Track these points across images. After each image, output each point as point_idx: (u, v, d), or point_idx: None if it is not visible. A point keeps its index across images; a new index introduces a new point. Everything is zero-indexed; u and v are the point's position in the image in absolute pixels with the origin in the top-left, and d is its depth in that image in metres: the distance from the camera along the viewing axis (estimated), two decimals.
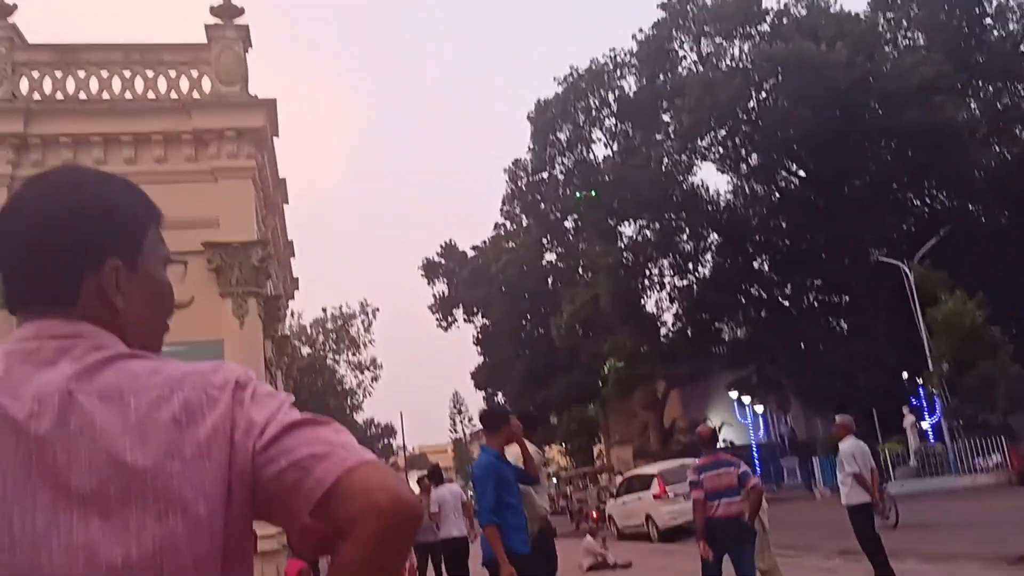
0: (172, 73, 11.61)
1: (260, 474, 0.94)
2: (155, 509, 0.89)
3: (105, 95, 11.33)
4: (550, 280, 45.60)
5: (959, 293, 25.15)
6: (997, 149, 32.32)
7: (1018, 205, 30.87)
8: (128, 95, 11.38)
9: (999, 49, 32.91)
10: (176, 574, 0.89)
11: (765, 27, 34.21)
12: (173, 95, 11.50)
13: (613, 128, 38.23)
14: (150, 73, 11.55)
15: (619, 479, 25.49)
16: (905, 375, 27.80)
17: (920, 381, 26.83)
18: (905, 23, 35.03)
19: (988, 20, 33.97)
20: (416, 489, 12.70)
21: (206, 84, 11.63)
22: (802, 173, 35.36)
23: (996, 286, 26.58)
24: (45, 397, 0.92)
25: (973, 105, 32.86)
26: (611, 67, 37.26)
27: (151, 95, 11.46)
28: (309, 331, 43.60)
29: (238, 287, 11.20)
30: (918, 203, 35.06)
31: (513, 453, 5.74)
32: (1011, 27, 33.82)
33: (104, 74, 11.42)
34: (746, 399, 33.95)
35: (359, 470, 0.92)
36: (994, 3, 33.81)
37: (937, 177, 31.59)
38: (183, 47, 11.94)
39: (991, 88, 34.07)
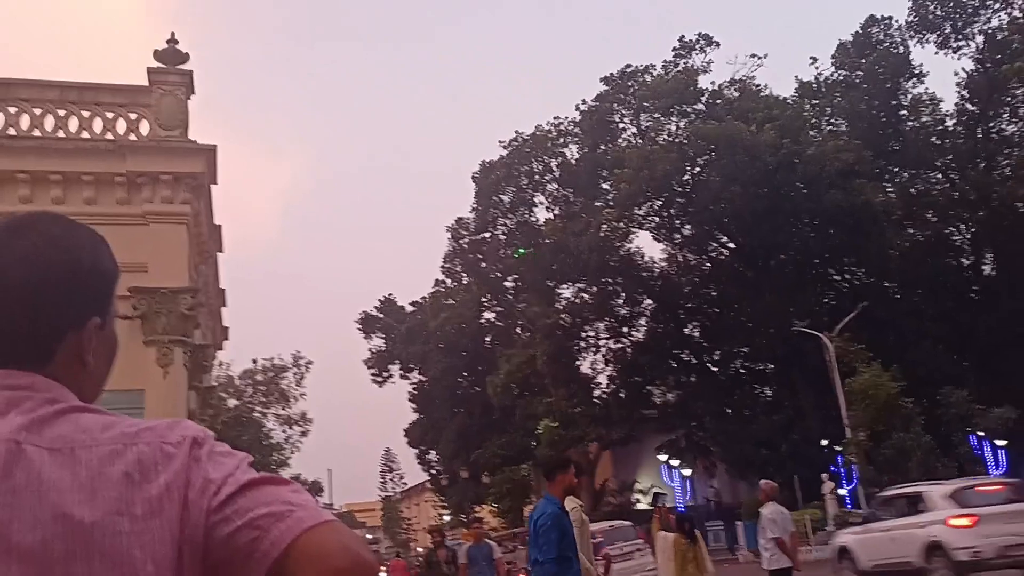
0: (109, 115, 11.58)
1: (213, 534, 0.90)
2: (101, 569, 0.85)
3: (36, 132, 11.24)
4: (488, 339, 45.75)
5: (875, 365, 26.24)
6: (911, 231, 34.29)
7: (929, 284, 32.67)
8: (61, 134, 11.31)
9: (913, 138, 35.21)
10: None
11: (700, 106, 35.93)
12: (109, 136, 11.47)
13: (555, 193, 39.23)
14: (86, 113, 11.49)
15: None
16: (825, 443, 28.64)
17: (839, 449, 27.67)
18: (829, 110, 37.26)
19: (904, 112, 36.40)
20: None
21: (144, 127, 11.62)
22: (732, 245, 36.76)
23: (910, 360, 27.88)
24: None
25: (889, 189, 34.88)
26: (555, 134, 38.47)
27: (85, 135, 11.41)
28: (237, 382, 42.52)
29: (164, 335, 11.01)
30: (838, 278, 36.74)
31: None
32: (924, 119, 36.28)
33: (37, 111, 11.34)
34: (675, 462, 34.37)
35: (318, 531, 0.88)
36: (909, 96, 36.32)
37: (856, 255, 33.25)
38: (123, 88, 11.93)
39: (906, 174, 36.31)
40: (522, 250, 38.03)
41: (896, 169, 36.06)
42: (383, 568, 14.05)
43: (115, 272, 1.07)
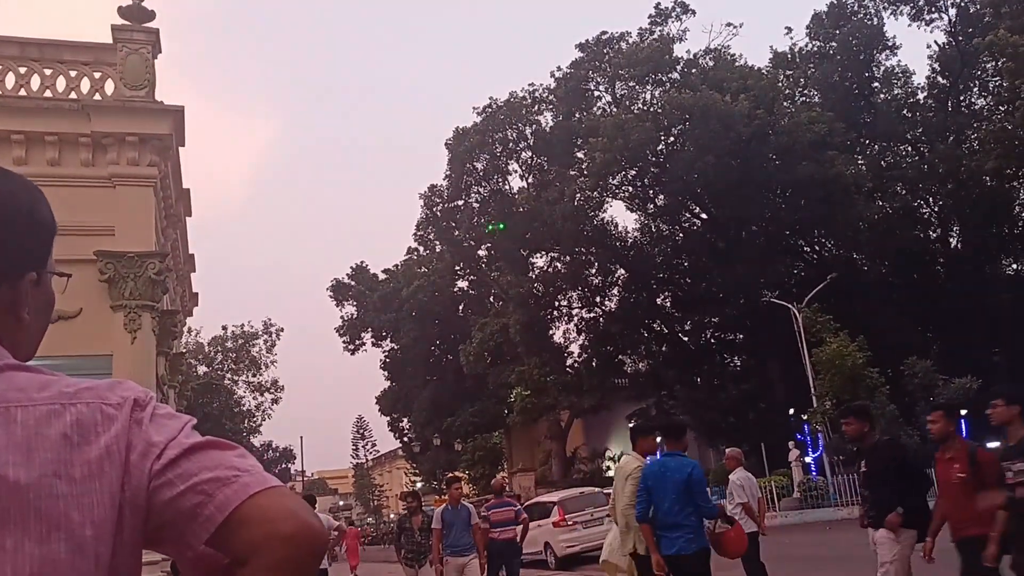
0: (72, 73, 11.22)
1: (155, 498, 0.89)
2: (36, 531, 0.82)
3: None
4: (461, 307, 45.76)
5: (843, 336, 26.72)
6: (880, 204, 34.68)
7: (897, 256, 33.18)
8: (23, 92, 10.94)
9: (884, 111, 35.50)
10: None
11: (675, 75, 35.81)
12: (73, 96, 11.12)
13: (529, 161, 39.03)
14: (48, 71, 11.12)
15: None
16: (791, 412, 29.20)
17: (805, 418, 28.24)
18: (803, 81, 37.39)
19: (876, 84, 36.64)
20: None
21: (109, 87, 11.27)
22: (704, 216, 36.96)
23: (876, 331, 28.41)
24: None
25: (860, 162, 35.21)
26: (529, 102, 38.15)
27: (48, 94, 11.05)
28: (207, 349, 42.18)
29: (131, 300, 10.80)
30: (808, 250, 37.18)
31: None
32: (896, 91, 36.57)
33: None
34: None
35: (264, 496, 0.87)
36: (882, 68, 36.54)
37: (826, 227, 33.63)
38: (86, 47, 11.53)
39: (876, 147, 36.67)
40: (499, 224, 38.05)
41: (867, 141, 36.39)
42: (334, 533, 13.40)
43: (53, 224, 1.02)
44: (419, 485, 46.61)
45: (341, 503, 77.58)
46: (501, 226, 36.67)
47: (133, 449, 0.89)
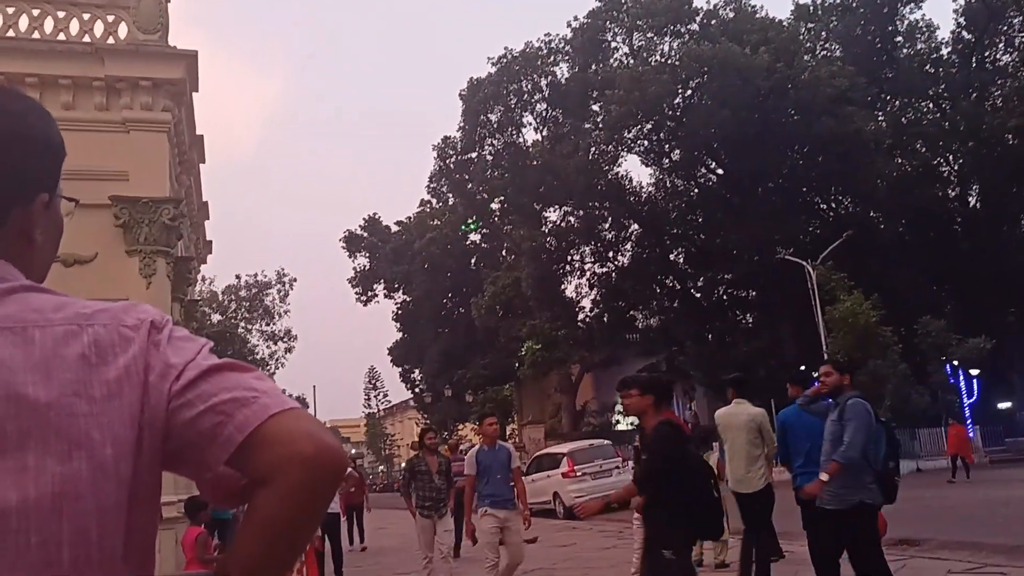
0: (86, 16, 11.13)
1: (174, 419, 0.89)
2: (57, 449, 0.82)
3: (11, 33, 10.79)
4: (473, 260, 45.78)
5: (856, 294, 26.56)
6: (899, 161, 34.15)
7: (915, 215, 32.77)
8: (36, 35, 10.87)
9: (907, 66, 34.72)
10: (77, 520, 0.82)
11: (695, 27, 35.06)
12: (86, 39, 11.04)
13: (544, 113, 38.52)
14: (61, 14, 11.04)
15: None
16: (803, 369, 29.21)
17: (815, 375, 28.23)
18: (824, 34, 36.51)
19: (899, 38, 35.76)
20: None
21: (122, 30, 11.20)
22: (720, 171, 36.54)
23: (891, 290, 28.24)
24: None
25: (880, 118, 34.56)
26: (545, 52, 37.50)
27: (61, 37, 10.98)
28: (221, 298, 42.53)
29: (146, 245, 10.89)
30: (824, 207, 36.76)
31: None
32: (919, 46, 35.71)
33: (10, 11, 10.88)
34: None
35: (283, 417, 0.87)
36: (905, 22, 35.63)
37: (843, 184, 33.18)
38: None
39: (897, 103, 35.95)
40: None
41: (888, 97, 35.68)
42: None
43: (63, 147, 1.01)
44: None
45: (353, 451, 78.96)
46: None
47: (151, 370, 0.89)
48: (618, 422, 38.72)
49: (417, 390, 51.97)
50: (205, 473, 0.93)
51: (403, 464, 17.41)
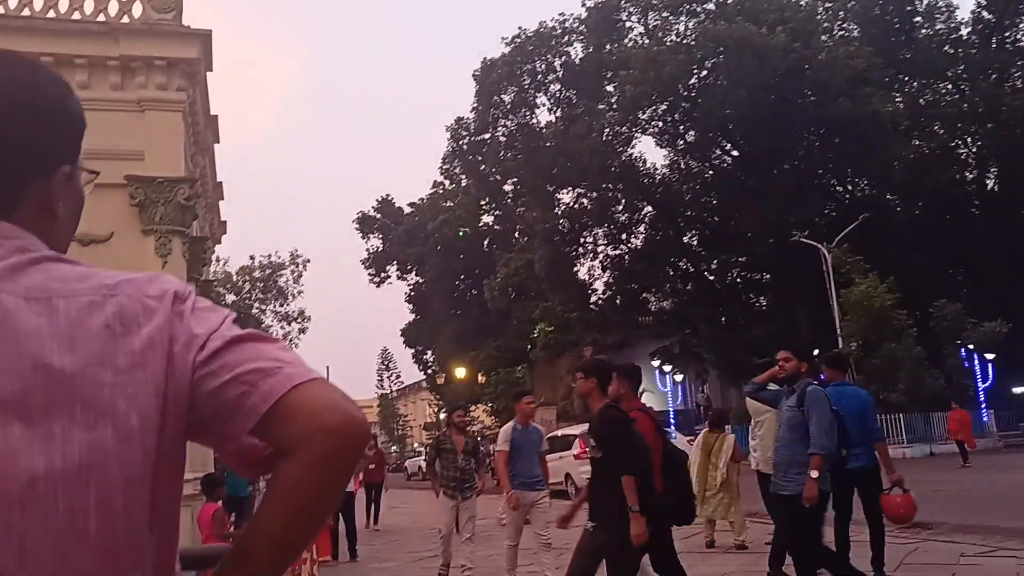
0: None
1: (199, 389, 0.89)
2: (83, 419, 0.83)
3: (26, 12, 10.82)
4: (486, 242, 45.74)
5: (872, 277, 26.39)
6: (917, 143, 33.73)
7: (932, 197, 32.41)
8: (51, 14, 10.89)
9: (925, 46, 34.19)
10: (103, 489, 0.83)
11: (711, 6, 34.66)
12: (101, 18, 11.05)
13: (558, 94, 38.26)
14: None
15: None
16: (816, 352, 29.10)
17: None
18: (842, 14, 36.01)
19: (918, 18, 35.20)
20: None
21: (137, 9, 11.21)
22: (735, 153, 36.23)
23: (906, 273, 28.01)
24: None
25: (898, 99, 34.11)
26: (559, 32, 37.19)
27: (76, 16, 10.99)
28: (235, 278, 42.72)
29: (162, 224, 10.97)
30: (840, 189, 36.41)
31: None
32: (938, 26, 35.14)
33: None
34: (667, 368, 35.02)
35: (308, 387, 0.87)
36: (924, 2, 35.05)
37: (860, 166, 32.82)
38: None
39: (915, 84, 35.44)
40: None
41: (906, 78, 35.16)
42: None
43: (83, 119, 1.01)
44: (443, 416, 47.45)
45: None
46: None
47: (176, 341, 0.89)
48: None
49: (429, 371, 52.19)
50: (229, 443, 0.93)
51: (419, 447, 17.25)
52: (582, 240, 38.41)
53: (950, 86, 35.60)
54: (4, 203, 0.92)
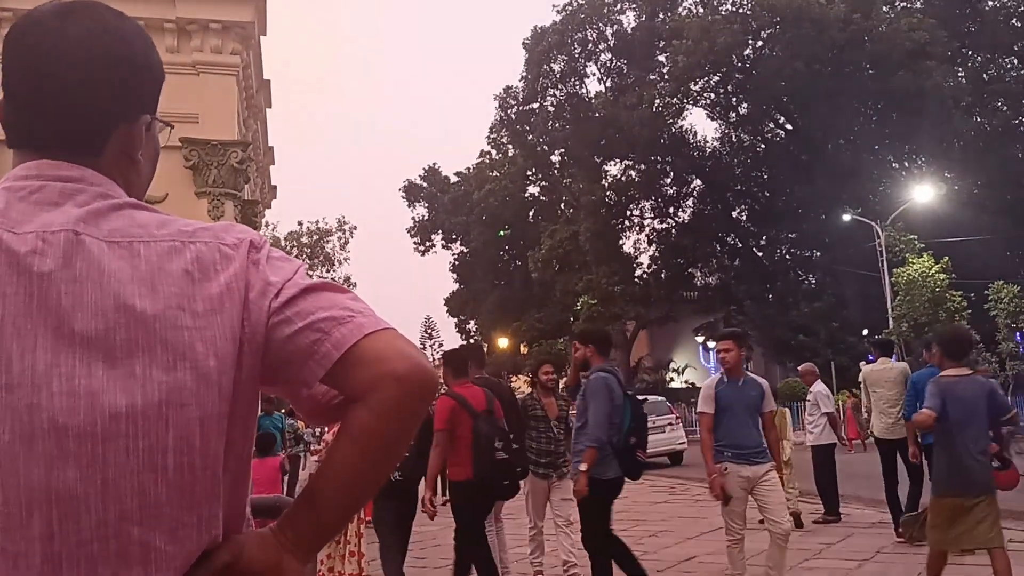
0: None
1: (273, 335, 0.91)
2: (163, 359, 0.85)
3: None
4: (531, 213, 45.63)
5: (926, 256, 25.67)
6: (978, 120, 32.48)
7: (991, 176, 31.26)
8: None
9: (992, 19, 32.73)
10: (181, 428, 0.85)
11: None
12: None
13: (608, 64, 37.74)
14: None
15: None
16: (866, 332, 28.53)
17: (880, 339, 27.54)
18: None
19: None
20: None
21: None
22: (789, 127, 35.39)
23: (962, 253, 27.17)
24: (49, 236, 0.87)
25: (960, 74, 32.83)
26: (611, 0, 36.58)
27: None
28: (283, 243, 43.44)
29: (215, 187, 11.19)
30: (896, 165, 35.32)
31: None
32: None
33: None
34: (711, 344, 34.72)
35: (379, 336, 0.90)
36: None
37: (918, 142, 31.80)
38: None
39: (979, 58, 34.03)
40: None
41: (969, 52, 33.78)
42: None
43: (163, 71, 1.04)
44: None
45: None
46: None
47: (252, 288, 0.91)
48: (672, 379, 38.58)
49: (472, 341, 52.56)
50: (301, 389, 0.95)
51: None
52: (628, 213, 38.08)
53: (1016, 61, 34.09)
54: (92, 146, 0.96)
